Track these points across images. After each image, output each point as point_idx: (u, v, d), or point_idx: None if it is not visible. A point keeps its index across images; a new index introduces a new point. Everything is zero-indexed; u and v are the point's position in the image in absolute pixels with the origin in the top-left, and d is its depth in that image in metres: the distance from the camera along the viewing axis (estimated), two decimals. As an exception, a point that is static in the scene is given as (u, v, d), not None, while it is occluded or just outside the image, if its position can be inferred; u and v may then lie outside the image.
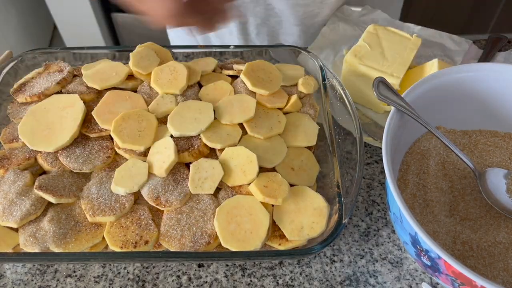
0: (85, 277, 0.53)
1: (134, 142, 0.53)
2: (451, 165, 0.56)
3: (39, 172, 0.55)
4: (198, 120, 0.55)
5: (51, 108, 0.57)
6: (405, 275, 0.53)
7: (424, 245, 0.43)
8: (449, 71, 0.55)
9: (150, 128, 0.55)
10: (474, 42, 0.77)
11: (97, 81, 0.60)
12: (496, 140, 0.59)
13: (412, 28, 0.78)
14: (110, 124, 0.55)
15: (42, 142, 0.54)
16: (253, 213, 0.49)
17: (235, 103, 0.58)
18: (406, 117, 0.52)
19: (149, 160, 0.53)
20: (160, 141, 0.54)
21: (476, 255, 0.48)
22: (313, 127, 0.58)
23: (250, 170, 0.51)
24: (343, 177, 0.52)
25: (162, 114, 0.57)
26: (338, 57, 0.75)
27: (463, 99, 0.57)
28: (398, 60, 0.65)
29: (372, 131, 0.65)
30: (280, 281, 0.53)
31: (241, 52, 0.67)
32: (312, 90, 0.62)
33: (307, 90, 0.61)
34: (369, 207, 0.59)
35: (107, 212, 0.50)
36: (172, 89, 0.59)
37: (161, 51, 0.65)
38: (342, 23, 0.79)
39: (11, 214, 0.49)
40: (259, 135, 0.55)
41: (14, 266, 0.54)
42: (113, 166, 0.54)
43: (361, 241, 0.56)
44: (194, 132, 0.54)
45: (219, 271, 0.54)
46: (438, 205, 0.52)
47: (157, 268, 0.54)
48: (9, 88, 0.62)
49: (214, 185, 0.51)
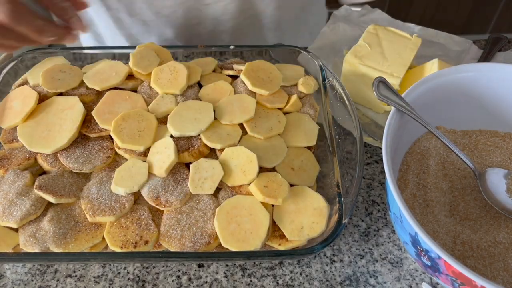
0: (85, 277, 0.53)
1: (134, 142, 0.53)
2: (451, 165, 0.56)
3: (39, 172, 0.55)
4: (198, 120, 0.55)
5: (51, 110, 0.57)
6: (405, 275, 0.53)
7: (424, 245, 0.43)
8: (449, 71, 0.55)
9: (150, 128, 0.55)
10: (474, 42, 0.77)
11: (97, 82, 0.60)
12: (496, 140, 0.59)
13: (412, 28, 0.78)
14: (110, 124, 0.55)
15: (40, 144, 0.54)
16: (253, 213, 0.49)
17: (235, 103, 0.58)
18: (406, 117, 0.52)
19: (149, 160, 0.53)
20: (160, 141, 0.54)
21: (476, 255, 0.48)
22: (313, 127, 0.58)
23: (250, 170, 0.51)
24: (343, 177, 0.52)
25: (162, 114, 0.57)
26: (338, 57, 0.75)
27: (463, 99, 0.57)
28: (398, 60, 0.65)
29: (372, 131, 0.65)
30: (280, 281, 0.53)
31: (241, 52, 0.67)
32: (312, 90, 0.62)
33: (307, 90, 0.61)
34: (369, 207, 0.59)
35: (107, 212, 0.50)
36: (172, 89, 0.59)
37: (161, 51, 0.65)
38: (342, 23, 0.79)
39: (11, 214, 0.49)
40: (259, 135, 0.55)
41: (14, 266, 0.54)
42: (113, 166, 0.54)
43: (361, 241, 0.56)
44: (194, 132, 0.54)
45: (219, 271, 0.54)
46: (438, 205, 0.52)
47: (157, 268, 0.54)
48: (9, 88, 0.62)
49: (214, 185, 0.51)
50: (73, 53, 0.66)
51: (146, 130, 0.54)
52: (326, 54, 0.75)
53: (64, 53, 0.65)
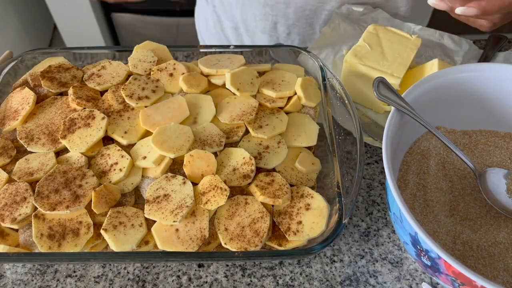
0: (85, 277, 0.53)
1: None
2: (451, 165, 0.56)
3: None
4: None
5: (51, 109, 0.57)
6: (405, 275, 0.53)
7: (424, 245, 0.43)
8: (449, 71, 0.55)
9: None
10: (474, 42, 0.77)
11: (98, 82, 0.60)
12: (496, 140, 0.59)
13: (412, 28, 0.78)
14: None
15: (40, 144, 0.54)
16: (253, 213, 0.49)
17: (237, 104, 0.58)
18: (406, 117, 0.52)
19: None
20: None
21: (476, 255, 0.48)
22: (313, 127, 0.58)
23: (249, 171, 0.51)
24: (343, 177, 0.52)
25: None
26: (338, 57, 0.75)
27: (463, 99, 0.57)
28: (398, 60, 0.65)
29: (372, 131, 0.65)
30: (280, 281, 0.53)
31: (241, 52, 0.67)
32: (314, 104, 0.61)
33: (312, 102, 0.61)
34: (369, 207, 0.59)
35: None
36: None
37: (158, 48, 0.65)
38: (342, 22, 0.79)
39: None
40: (264, 135, 0.55)
41: (14, 266, 0.54)
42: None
43: (361, 241, 0.56)
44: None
45: (219, 271, 0.54)
46: (438, 205, 0.52)
47: (157, 268, 0.54)
48: (9, 88, 0.62)
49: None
50: (73, 53, 0.66)
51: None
52: (326, 54, 0.75)
53: (64, 53, 0.65)
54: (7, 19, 1.69)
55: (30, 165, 0.53)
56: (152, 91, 0.58)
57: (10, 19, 1.72)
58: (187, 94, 0.59)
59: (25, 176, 0.51)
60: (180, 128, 0.54)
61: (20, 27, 1.78)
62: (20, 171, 0.52)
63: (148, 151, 0.53)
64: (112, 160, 0.53)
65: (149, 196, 0.49)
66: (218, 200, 0.48)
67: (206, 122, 0.56)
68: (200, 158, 0.51)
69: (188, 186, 0.50)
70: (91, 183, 0.50)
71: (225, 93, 0.60)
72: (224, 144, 0.54)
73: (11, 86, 0.62)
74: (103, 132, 0.54)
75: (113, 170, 0.52)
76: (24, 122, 0.57)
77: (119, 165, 0.52)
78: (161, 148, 0.52)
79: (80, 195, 0.49)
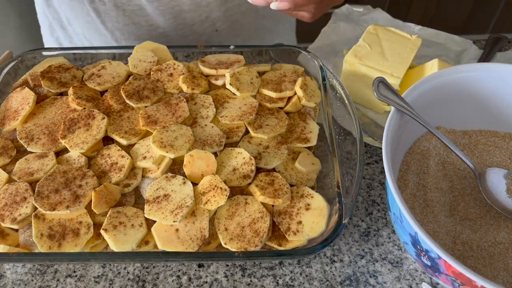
0: (85, 277, 0.53)
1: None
2: (451, 165, 0.56)
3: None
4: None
5: (51, 109, 0.57)
6: (405, 275, 0.53)
7: (424, 245, 0.43)
8: (449, 71, 0.55)
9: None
10: (474, 42, 0.77)
11: (98, 83, 0.60)
12: (496, 140, 0.59)
13: (412, 28, 0.78)
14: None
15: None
16: (253, 213, 0.49)
17: (237, 104, 0.58)
18: (406, 117, 0.52)
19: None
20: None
21: (476, 255, 0.48)
22: (313, 127, 0.58)
23: (249, 171, 0.51)
24: (343, 177, 0.52)
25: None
26: (338, 57, 0.75)
27: (463, 99, 0.57)
28: (398, 60, 0.65)
29: (372, 131, 0.65)
30: (280, 281, 0.53)
31: (241, 52, 0.67)
32: (313, 104, 0.61)
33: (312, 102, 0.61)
34: (369, 207, 0.59)
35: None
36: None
37: (158, 48, 0.65)
38: (342, 22, 0.79)
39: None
40: (264, 135, 0.55)
41: (14, 266, 0.54)
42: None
43: (361, 241, 0.56)
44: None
45: (219, 271, 0.54)
46: (438, 205, 0.52)
47: (157, 268, 0.54)
48: (9, 88, 0.62)
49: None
50: (73, 53, 0.66)
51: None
52: (326, 54, 0.75)
53: (64, 53, 0.65)
54: (7, 19, 1.69)
55: (30, 165, 0.53)
56: (152, 91, 0.58)
57: (10, 19, 1.72)
58: (187, 94, 0.59)
59: (25, 176, 0.52)
60: (180, 128, 0.54)
61: (20, 27, 1.77)
62: (20, 171, 0.52)
63: (148, 151, 0.53)
64: (112, 160, 0.53)
65: (149, 196, 0.49)
66: (218, 200, 0.49)
67: (206, 122, 0.56)
68: (200, 158, 0.51)
69: (188, 186, 0.50)
70: (91, 183, 0.50)
71: (225, 93, 0.60)
72: (224, 144, 0.54)
73: (11, 86, 0.62)
74: (103, 132, 0.54)
75: (113, 170, 0.52)
76: (24, 122, 0.57)
77: (119, 165, 0.52)
78: (161, 148, 0.52)
79: (80, 195, 0.49)
